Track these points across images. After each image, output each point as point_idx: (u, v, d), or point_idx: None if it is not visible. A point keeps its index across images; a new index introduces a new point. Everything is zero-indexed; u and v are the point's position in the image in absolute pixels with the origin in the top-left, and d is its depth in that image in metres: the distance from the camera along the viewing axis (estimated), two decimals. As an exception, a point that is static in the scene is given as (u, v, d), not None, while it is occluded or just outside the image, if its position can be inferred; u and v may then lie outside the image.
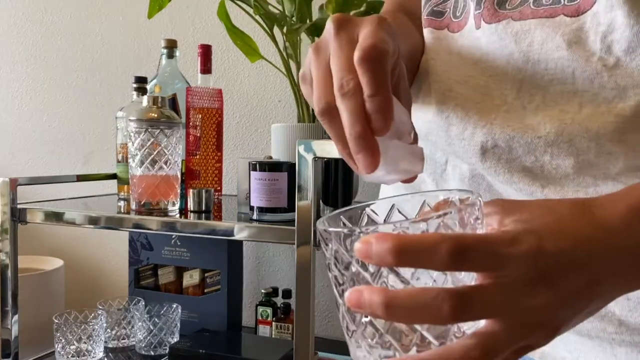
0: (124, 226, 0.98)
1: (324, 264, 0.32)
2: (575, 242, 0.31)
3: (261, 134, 1.48)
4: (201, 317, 1.31)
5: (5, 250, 1.02)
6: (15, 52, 1.77)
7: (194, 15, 1.53)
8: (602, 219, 0.32)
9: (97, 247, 1.67)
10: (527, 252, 0.29)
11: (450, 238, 0.27)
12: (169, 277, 1.37)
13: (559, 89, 0.42)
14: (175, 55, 1.20)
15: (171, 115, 1.02)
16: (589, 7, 0.41)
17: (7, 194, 1.02)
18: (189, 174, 1.14)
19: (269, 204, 0.88)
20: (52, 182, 1.24)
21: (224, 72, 1.50)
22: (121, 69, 1.63)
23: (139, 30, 1.60)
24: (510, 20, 0.44)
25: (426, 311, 0.27)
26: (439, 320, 0.27)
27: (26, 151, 1.77)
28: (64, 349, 1.17)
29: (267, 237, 0.87)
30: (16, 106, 1.78)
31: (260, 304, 1.31)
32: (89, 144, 1.69)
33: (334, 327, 1.43)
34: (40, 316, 1.37)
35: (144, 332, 1.22)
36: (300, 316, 0.80)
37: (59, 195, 1.43)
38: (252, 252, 1.49)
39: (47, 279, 1.47)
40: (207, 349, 1.11)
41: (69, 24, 1.69)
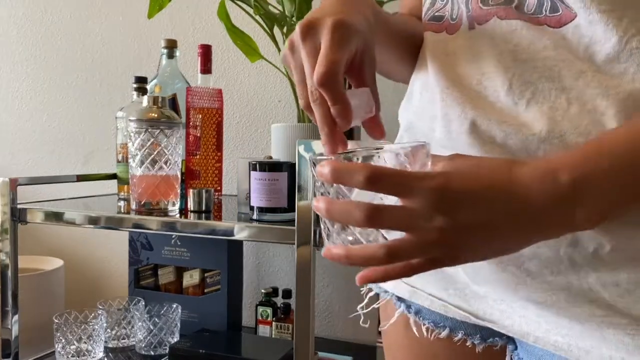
0: (124, 226, 0.98)
1: (324, 264, 0.35)
2: (480, 187, 0.38)
3: (261, 134, 1.48)
4: (201, 317, 1.31)
5: (6, 250, 1.03)
6: (15, 52, 1.77)
7: (194, 15, 1.54)
8: (517, 174, 0.38)
9: (97, 247, 1.67)
10: (433, 187, 0.37)
11: (370, 166, 0.38)
12: (169, 277, 1.37)
13: (547, 86, 0.44)
14: (176, 55, 1.20)
15: (171, 115, 1.02)
16: (570, 20, 0.43)
17: (7, 194, 1.02)
18: (189, 174, 1.14)
19: (269, 204, 0.88)
20: (52, 182, 1.24)
21: (224, 72, 1.50)
22: (121, 69, 1.64)
23: (139, 30, 1.60)
24: (497, 18, 0.47)
25: (349, 215, 0.38)
26: (357, 223, 0.38)
27: (26, 151, 1.77)
28: (64, 349, 1.17)
29: (267, 237, 0.87)
30: (16, 106, 1.78)
31: (260, 304, 1.31)
32: (89, 144, 1.69)
33: (334, 327, 1.43)
34: (40, 316, 1.37)
35: (144, 332, 1.22)
36: (300, 316, 0.80)
37: (59, 195, 1.43)
38: (252, 252, 1.49)
39: (47, 279, 1.47)
40: (207, 349, 1.11)
41: (69, 24, 1.69)
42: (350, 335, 1.42)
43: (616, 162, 0.38)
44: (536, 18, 0.45)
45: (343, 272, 1.42)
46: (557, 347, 0.47)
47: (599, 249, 0.42)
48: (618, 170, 0.37)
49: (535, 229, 0.39)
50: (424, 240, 0.38)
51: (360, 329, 1.41)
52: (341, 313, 1.42)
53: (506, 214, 0.38)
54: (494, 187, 0.38)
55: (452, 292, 0.55)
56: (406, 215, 0.38)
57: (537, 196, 0.38)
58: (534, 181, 0.38)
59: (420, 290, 0.58)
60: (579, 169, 0.38)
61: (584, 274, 0.43)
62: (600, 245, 0.42)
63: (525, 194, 0.38)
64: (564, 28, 0.44)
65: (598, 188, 0.37)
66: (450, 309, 0.55)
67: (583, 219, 0.38)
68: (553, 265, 0.44)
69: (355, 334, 1.41)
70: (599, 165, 0.38)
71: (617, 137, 0.39)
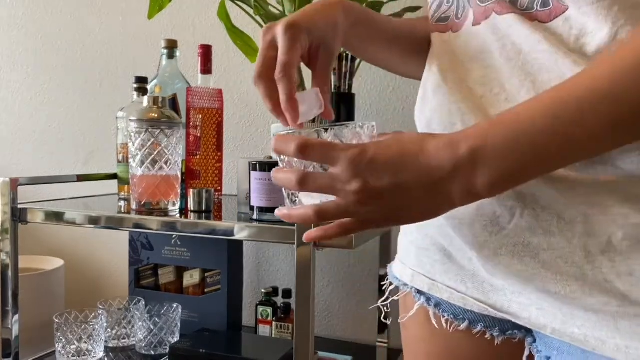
0: (125, 226, 0.98)
1: (324, 264, 0.36)
2: (392, 155, 0.44)
3: (261, 134, 1.48)
4: (201, 317, 1.31)
5: (6, 250, 1.03)
6: (16, 52, 1.77)
7: (194, 15, 1.54)
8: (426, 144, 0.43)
9: (98, 247, 1.68)
10: (350, 155, 0.44)
11: (300, 138, 0.46)
12: (169, 277, 1.37)
13: (547, 77, 0.45)
14: (176, 55, 1.20)
15: (171, 115, 1.02)
16: (561, 12, 0.45)
17: (7, 194, 1.02)
18: (189, 174, 1.14)
19: (269, 203, 0.89)
20: (53, 182, 1.24)
21: (225, 72, 1.50)
22: (122, 69, 1.64)
23: (140, 31, 1.61)
24: (494, 14, 0.50)
25: (289, 181, 0.47)
26: (292, 187, 0.47)
27: (27, 151, 1.77)
28: (65, 349, 1.17)
29: (267, 237, 0.87)
30: (17, 106, 1.78)
31: (260, 304, 1.32)
32: (89, 144, 1.69)
33: (334, 327, 1.43)
34: (40, 316, 1.37)
35: (145, 332, 1.23)
36: (300, 316, 0.80)
37: (59, 195, 1.43)
38: (252, 252, 1.49)
39: (47, 278, 1.47)
40: (207, 349, 1.11)
41: (69, 24, 1.70)
42: (350, 335, 1.42)
43: (513, 131, 0.41)
44: (529, 13, 0.47)
45: (343, 272, 1.42)
46: (573, 338, 0.48)
47: (612, 237, 0.43)
48: (514, 138, 0.41)
49: (440, 194, 0.43)
50: (346, 202, 0.45)
51: (360, 329, 1.41)
52: (341, 313, 1.43)
53: (414, 179, 0.43)
54: (404, 155, 0.44)
55: (470, 286, 0.56)
56: (329, 180, 0.45)
57: (439, 163, 0.43)
58: (438, 151, 0.43)
59: (439, 283, 0.59)
60: (478, 140, 0.42)
61: (599, 263, 0.44)
62: (612, 233, 0.43)
63: (429, 162, 0.43)
64: (555, 22, 0.46)
65: (494, 156, 0.41)
66: (469, 301, 0.56)
67: (483, 185, 0.42)
68: (567, 256, 0.45)
69: (355, 334, 1.42)
70: (497, 135, 0.41)
71: (519, 109, 0.42)
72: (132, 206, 1.02)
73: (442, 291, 0.59)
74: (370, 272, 1.39)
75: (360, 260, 1.40)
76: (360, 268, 1.40)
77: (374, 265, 1.37)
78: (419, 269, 0.62)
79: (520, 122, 0.41)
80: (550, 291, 0.48)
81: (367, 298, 1.40)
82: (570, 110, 0.39)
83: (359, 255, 1.40)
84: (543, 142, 0.40)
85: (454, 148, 0.42)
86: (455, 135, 0.43)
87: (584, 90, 0.39)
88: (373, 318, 1.37)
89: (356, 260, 1.41)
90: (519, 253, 0.48)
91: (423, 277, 0.61)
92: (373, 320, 1.37)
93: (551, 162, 0.42)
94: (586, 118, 0.39)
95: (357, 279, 1.41)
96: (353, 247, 0.81)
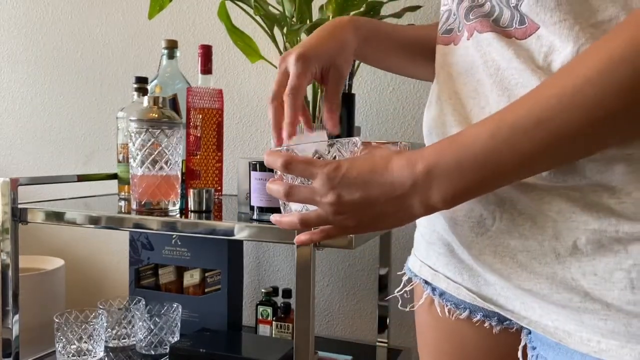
0: (125, 226, 0.98)
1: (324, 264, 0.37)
2: (363, 171, 0.50)
3: (261, 134, 1.49)
4: (201, 317, 1.31)
5: (6, 250, 1.03)
6: (16, 53, 1.77)
7: (195, 15, 1.54)
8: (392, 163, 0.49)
9: (98, 247, 1.68)
10: (326, 171, 0.50)
11: (285, 155, 0.54)
12: (169, 276, 1.37)
13: (522, 91, 0.48)
14: (176, 55, 1.20)
15: (172, 115, 1.02)
16: (534, 30, 0.49)
17: (7, 194, 1.02)
18: (189, 174, 1.14)
19: (269, 203, 0.89)
20: (53, 182, 1.24)
21: (225, 72, 1.51)
22: (122, 70, 1.64)
23: (140, 31, 1.61)
24: (476, 32, 0.54)
25: (277, 191, 0.54)
26: (280, 197, 0.55)
27: (27, 151, 1.77)
28: (65, 349, 1.17)
29: (267, 237, 0.87)
30: (17, 106, 1.78)
31: (260, 304, 1.32)
32: (89, 144, 1.69)
33: (334, 327, 1.43)
34: (41, 316, 1.37)
35: (145, 332, 1.23)
36: (300, 316, 0.80)
37: (59, 195, 1.43)
38: (252, 252, 1.50)
39: (47, 278, 1.47)
40: (207, 349, 1.11)
41: (69, 25, 1.70)
42: (350, 335, 1.42)
43: (459, 151, 0.46)
44: (507, 31, 0.51)
45: (343, 272, 1.42)
46: (545, 330, 0.52)
47: (577, 242, 0.47)
48: (459, 158, 0.46)
49: (403, 207, 0.49)
50: (324, 211, 0.52)
51: (360, 329, 1.41)
52: (341, 313, 1.43)
53: (381, 194, 0.49)
54: (372, 172, 0.49)
55: (466, 277, 0.60)
56: (309, 193, 0.52)
57: (401, 180, 0.48)
58: (400, 168, 0.48)
59: (440, 274, 0.64)
60: (432, 159, 0.47)
61: (568, 264, 0.48)
62: (577, 238, 0.47)
63: (392, 179, 0.49)
64: (529, 39, 0.49)
65: (445, 175, 0.46)
66: (462, 291, 0.61)
67: (438, 200, 0.47)
68: (541, 257, 0.50)
69: (355, 334, 1.42)
70: (447, 155, 0.47)
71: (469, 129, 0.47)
72: (132, 206, 1.02)
73: (442, 281, 0.64)
74: (370, 272, 1.39)
75: (360, 260, 1.40)
76: (360, 268, 1.40)
77: (374, 265, 1.37)
78: (427, 261, 0.67)
79: (466, 142, 0.46)
80: (525, 288, 0.52)
81: (367, 298, 1.40)
82: (504, 133, 0.44)
83: (359, 255, 1.40)
84: (482, 161, 0.45)
85: (412, 167, 0.48)
86: (414, 155, 0.49)
87: (523, 113, 0.43)
88: (373, 318, 1.37)
89: (356, 260, 1.41)
90: (500, 253, 0.53)
91: (428, 268, 0.66)
92: (373, 320, 1.37)
93: (495, 178, 0.46)
94: (519, 141, 0.43)
95: (357, 279, 1.41)
96: (353, 247, 0.81)
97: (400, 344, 1.35)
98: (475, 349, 0.65)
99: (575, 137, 0.42)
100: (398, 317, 1.35)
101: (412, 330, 1.35)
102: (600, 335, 0.47)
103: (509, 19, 0.51)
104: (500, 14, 0.51)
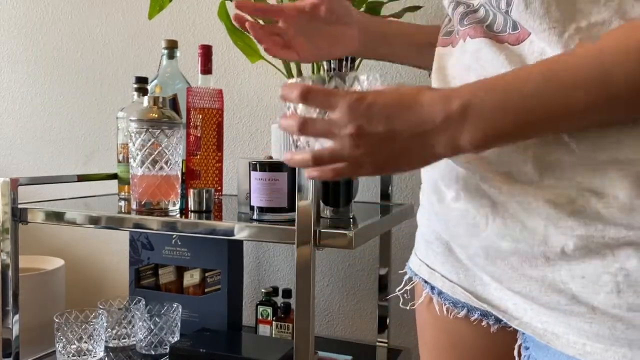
0: (125, 226, 0.98)
1: (324, 264, 0.36)
2: (389, 102, 0.47)
3: (261, 134, 1.49)
4: (201, 317, 1.31)
5: (6, 250, 1.03)
6: (16, 53, 1.77)
7: (195, 15, 1.54)
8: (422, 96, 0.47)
9: (98, 247, 1.68)
10: (349, 101, 0.47)
11: (303, 85, 0.49)
12: (169, 276, 1.37)
13: None
14: (176, 55, 1.20)
15: (172, 115, 1.02)
16: (527, 36, 0.49)
17: (7, 194, 1.02)
18: (189, 174, 1.14)
19: (269, 204, 0.89)
20: (53, 182, 1.24)
21: (225, 72, 1.51)
22: (122, 70, 1.64)
23: (140, 31, 1.61)
24: (469, 38, 0.54)
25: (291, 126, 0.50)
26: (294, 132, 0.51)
27: (27, 151, 1.77)
28: (65, 349, 1.17)
29: (267, 237, 0.87)
30: (17, 106, 1.78)
31: (260, 304, 1.32)
32: (89, 144, 1.69)
33: (334, 327, 1.43)
34: (41, 316, 1.37)
35: (145, 332, 1.23)
36: (300, 316, 0.81)
37: (59, 195, 1.43)
38: (252, 252, 1.50)
39: (47, 278, 1.47)
40: (207, 349, 1.11)
41: (69, 25, 1.70)
42: (350, 335, 1.42)
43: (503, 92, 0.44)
44: (501, 36, 0.51)
45: (343, 272, 1.42)
46: (534, 331, 0.53)
47: (565, 247, 0.47)
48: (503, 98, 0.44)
49: (425, 145, 0.47)
50: (341, 145, 0.48)
51: (360, 329, 1.41)
52: (341, 313, 1.43)
53: (405, 127, 0.46)
54: (400, 104, 0.47)
55: (462, 277, 0.60)
56: (327, 124, 0.49)
57: (431, 115, 0.46)
58: (432, 103, 0.46)
59: (437, 273, 0.64)
60: (469, 97, 0.45)
61: (559, 267, 0.48)
62: (565, 243, 0.47)
63: (422, 113, 0.46)
64: (522, 45, 0.49)
65: (483, 114, 0.44)
66: (457, 290, 0.61)
67: (468, 141, 0.45)
68: (531, 260, 0.50)
69: (355, 334, 1.42)
70: (487, 94, 0.45)
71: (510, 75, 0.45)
72: (132, 206, 1.02)
73: (438, 280, 0.64)
74: (370, 272, 1.39)
75: (360, 260, 1.40)
76: (360, 268, 1.40)
77: (374, 265, 1.37)
78: (425, 260, 0.67)
79: (515, 83, 0.44)
80: (516, 290, 0.53)
81: (367, 298, 1.40)
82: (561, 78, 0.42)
83: (359, 255, 1.40)
84: (530, 105, 0.43)
85: (446, 102, 0.45)
86: (448, 91, 0.46)
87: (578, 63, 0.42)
88: (373, 318, 1.37)
89: (356, 260, 1.41)
90: (492, 255, 0.53)
91: (426, 267, 0.67)
92: (373, 320, 1.37)
93: (536, 125, 0.44)
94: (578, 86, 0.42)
95: (357, 279, 1.41)
96: (353, 247, 0.81)
97: (400, 344, 1.35)
98: (473, 348, 0.66)
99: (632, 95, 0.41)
100: (398, 317, 1.35)
101: (412, 330, 1.35)
102: (585, 338, 0.48)
103: (502, 24, 0.51)
104: (494, 20, 0.52)
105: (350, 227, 0.84)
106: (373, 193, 1.35)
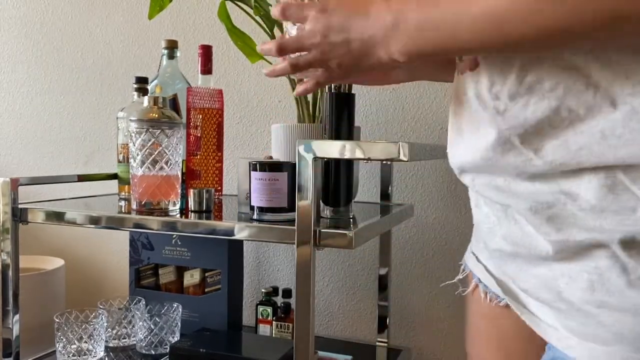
0: (125, 226, 0.98)
1: (324, 264, 0.36)
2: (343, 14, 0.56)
3: (261, 134, 1.49)
4: (202, 317, 1.31)
5: (6, 250, 1.03)
6: (17, 53, 1.77)
7: (195, 15, 1.54)
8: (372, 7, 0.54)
9: (98, 247, 1.68)
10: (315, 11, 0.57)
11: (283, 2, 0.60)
12: (169, 276, 1.37)
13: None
14: (176, 55, 1.20)
15: (172, 115, 1.02)
16: None
17: (8, 194, 1.02)
18: (189, 174, 1.15)
19: (270, 203, 0.89)
20: (53, 182, 1.24)
21: (225, 72, 1.51)
22: (122, 70, 1.64)
23: (140, 31, 1.61)
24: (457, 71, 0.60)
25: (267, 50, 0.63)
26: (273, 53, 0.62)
27: (27, 151, 1.77)
28: (65, 349, 1.17)
29: (267, 237, 0.87)
30: (17, 106, 1.78)
31: (260, 304, 1.32)
32: (89, 144, 1.69)
33: (334, 327, 1.43)
34: (41, 316, 1.37)
35: (145, 332, 1.23)
36: (300, 315, 0.81)
37: (59, 195, 1.43)
38: (253, 252, 1.50)
39: (48, 278, 1.47)
40: (207, 348, 1.11)
41: (70, 25, 1.70)
42: (350, 334, 1.42)
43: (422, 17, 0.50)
44: None
45: (343, 272, 1.42)
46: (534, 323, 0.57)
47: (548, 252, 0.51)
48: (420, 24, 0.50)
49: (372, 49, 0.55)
50: (308, 31, 0.58)
51: (360, 329, 1.41)
52: (341, 313, 1.43)
53: (358, 34, 0.55)
54: (356, 13, 0.55)
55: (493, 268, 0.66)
56: (300, 5, 0.58)
57: (374, 26, 0.54)
58: (377, 16, 0.53)
59: (481, 264, 0.69)
60: (398, 15, 0.52)
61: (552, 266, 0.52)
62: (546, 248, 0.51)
63: (368, 23, 0.54)
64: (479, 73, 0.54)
65: (405, 32, 0.51)
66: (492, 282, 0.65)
67: (397, 51, 0.53)
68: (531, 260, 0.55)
69: (355, 334, 1.42)
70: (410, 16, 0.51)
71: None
72: (132, 206, 1.02)
73: (480, 272, 0.69)
74: (370, 272, 1.39)
75: (360, 260, 1.40)
76: (360, 268, 1.41)
77: (374, 265, 1.37)
78: (475, 252, 0.72)
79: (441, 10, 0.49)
80: (521, 287, 0.58)
81: (367, 298, 1.40)
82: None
83: (359, 255, 1.40)
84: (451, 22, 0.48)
85: (385, 17, 0.53)
86: (387, 6, 0.53)
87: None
88: (373, 318, 1.37)
89: (356, 260, 1.41)
90: (504, 257, 0.60)
91: (474, 259, 0.72)
92: (373, 320, 1.37)
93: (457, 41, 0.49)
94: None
95: (357, 279, 1.41)
96: (353, 247, 0.81)
97: (400, 344, 1.35)
98: (515, 336, 0.69)
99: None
100: (398, 317, 1.35)
101: (412, 330, 1.35)
102: (569, 332, 0.52)
103: None
104: None
105: (350, 227, 0.84)
106: (373, 193, 1.36)
